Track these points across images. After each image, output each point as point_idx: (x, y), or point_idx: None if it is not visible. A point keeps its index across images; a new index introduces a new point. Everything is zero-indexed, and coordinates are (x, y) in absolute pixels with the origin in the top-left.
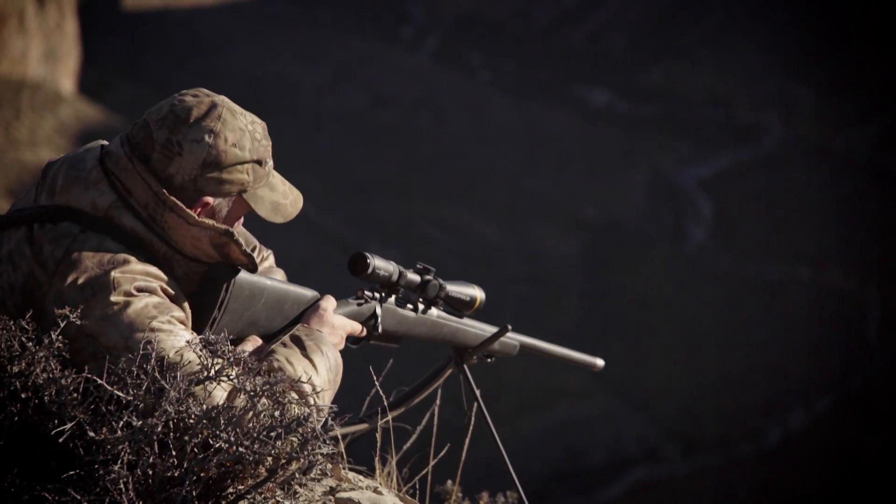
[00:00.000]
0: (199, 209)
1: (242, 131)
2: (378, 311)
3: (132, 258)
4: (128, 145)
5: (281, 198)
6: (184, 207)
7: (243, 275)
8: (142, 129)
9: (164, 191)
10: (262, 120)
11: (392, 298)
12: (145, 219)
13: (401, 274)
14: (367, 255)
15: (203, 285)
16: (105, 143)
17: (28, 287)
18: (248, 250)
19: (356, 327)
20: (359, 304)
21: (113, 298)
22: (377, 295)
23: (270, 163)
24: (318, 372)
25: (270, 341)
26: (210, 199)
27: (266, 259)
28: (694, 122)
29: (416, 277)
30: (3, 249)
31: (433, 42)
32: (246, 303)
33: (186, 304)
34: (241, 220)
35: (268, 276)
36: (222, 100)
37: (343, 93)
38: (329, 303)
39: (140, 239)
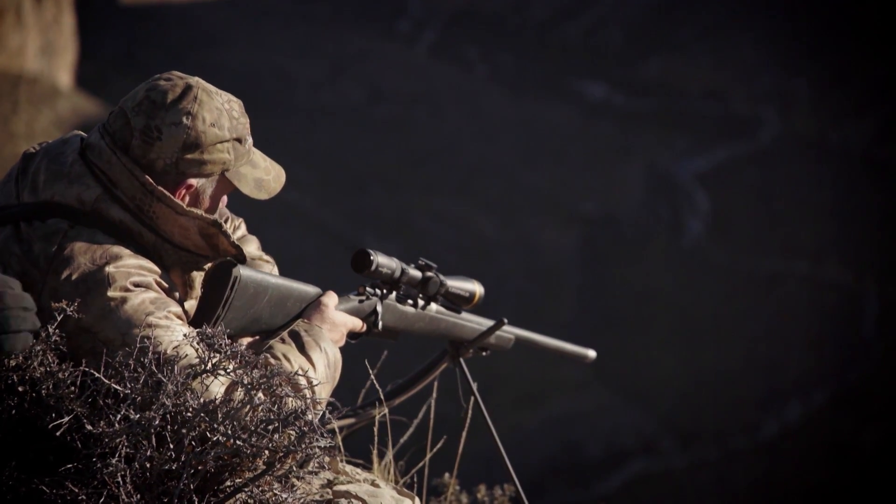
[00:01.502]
0: (183, 191)
1: (220, 110)
2: (379, 307)
3: (125, 252)
4: (108, 137)
5: (263, 174)
6: (172, 197)
7: (248, 272)
8: (118, 117)
9: (151, 181)
10: (240, 100)
11: (393, 295)
12: (133, 210)
13: (403, 271)
14: (371, 252)
15: (208, 283)
16: (83, 134)
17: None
18: (236, 240)
19: (357, 324)
20: (360, 301)
21: (109, 294)
22: (378, 291)
23: (250, 140)
24: (316, 368)
25: (269, 337)
26: (193, 182)
27: (238, 228)
28: (691, 116)
29: (417, 274)
30: None
31: (430, 36)
32: (250, 300)
33: (178, 294)
34: (225, 199)
35: (271, 273)
36: (196, 81)
37: (340, 87)
38: (331, 299)
39: (129, 230)
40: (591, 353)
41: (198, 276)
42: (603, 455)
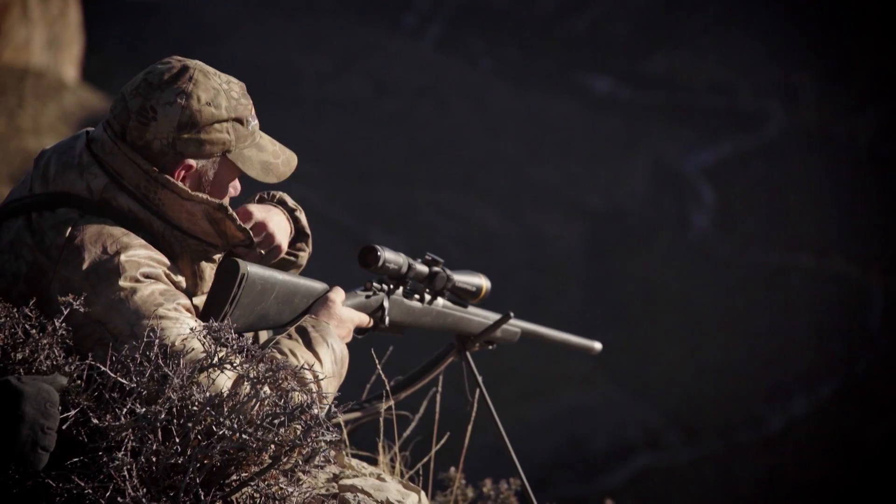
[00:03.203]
0: (182, 172)
1: (216, 90)
2: (386, 303)
3: (135, 241)
4: (110, 129)
5: (271, 157)
6: (176, 183)
7: (255, 269)
8: (118, 102)
9: (154, 168)
10: (243, 82)
11: (399, 290)
12: (140, 198)
13: (410, 266)
14: (378, 247)
15: (215, 280)
16: (91, 129)
17: (33, 275)
18: (245, 226)
19: (364, 319)
20: (367, 297)
21: (120, 284)
22: (385, 287)
23: (254, 122)
24: (322, 364)
25: (276, 333)
26: (192, 162)
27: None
28: (696, 110)
29: (424, 269)
30: (2, 240)
31: (436, 30)
32: (258, 297)
33: (185, 285)
34: (236, 183)
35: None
36: (195, 62)
37: (345, 81)
38: (338, 295)
39: (138, 219)
40: (597, 346)
41: (208, 268)
42: (608, 449)
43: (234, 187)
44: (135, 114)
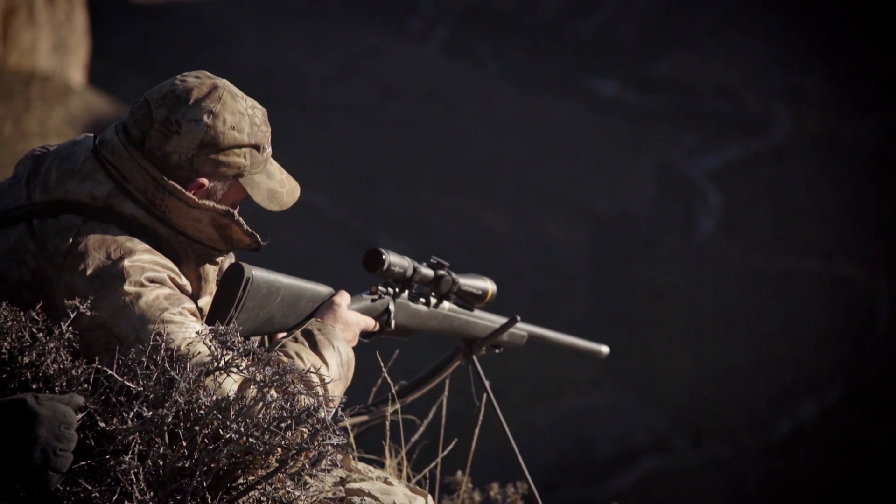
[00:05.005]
0: (193, 190)
1: (242, 114)
2: (391, 306)
3: (139, 246)
4: (123, 133)
5: (278, 186)
6: (183, 191)
7: (260, 273)
8: (141, 107)
9: (164, 176)
10: (264, 107)
11: (405, 293)
12: (145, 204)
13: (415, 269)
14: (383, 251)
15: (220, 283)
16: (92, 135)
17: (37, 282)
18: (251, 230)
19: (369, 323)
20: (372, 300)
21: (125, 289)
22: (391, 290)
23: (269, 149)
24: (329, 367)
25: (282, 336)
26: (205, 181)
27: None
28: (703, 114)
29: (429, 272)
30: (2, 247)
31: (442, 33)
32: (263, 301)
33: (190, 289)
34: (237, 205)
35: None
36: (223, 83)
37: (351, 84)
38: (343, 298)
39: (142, 225)
40: (605, 349)
41: (211, 270)
42: (615, 453)
43: (236, 207)
44: (158, 123)
